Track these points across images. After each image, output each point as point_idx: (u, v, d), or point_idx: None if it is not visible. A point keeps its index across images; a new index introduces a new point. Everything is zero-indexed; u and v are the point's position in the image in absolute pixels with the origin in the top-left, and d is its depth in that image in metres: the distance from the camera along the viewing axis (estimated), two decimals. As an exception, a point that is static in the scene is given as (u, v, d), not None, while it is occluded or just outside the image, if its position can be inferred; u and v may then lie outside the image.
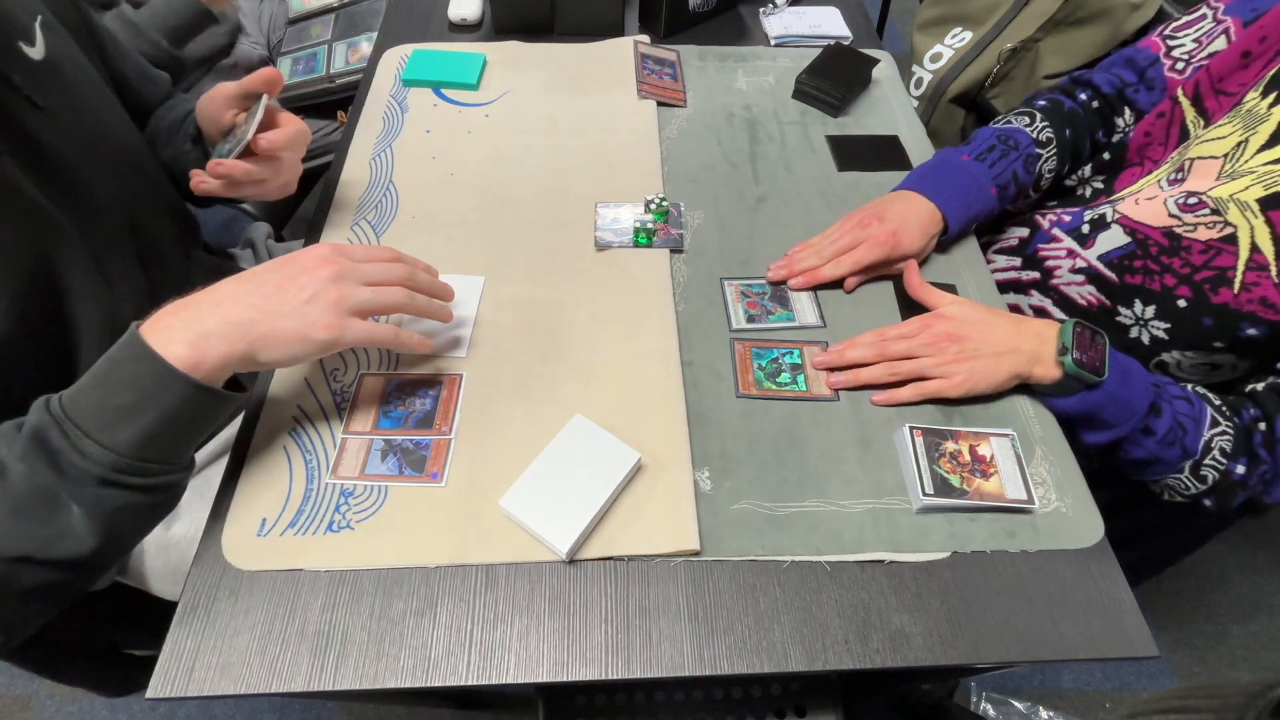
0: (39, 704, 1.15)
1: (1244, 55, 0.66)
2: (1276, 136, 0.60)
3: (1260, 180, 0.60)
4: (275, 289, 0.49)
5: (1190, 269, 0.63)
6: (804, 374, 0.64)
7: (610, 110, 0.87)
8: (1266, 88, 0.62)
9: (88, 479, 0.43)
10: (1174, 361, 0.67)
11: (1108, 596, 0.53)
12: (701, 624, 0.51)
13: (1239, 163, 0.62)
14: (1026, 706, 1.16)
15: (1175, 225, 0.64)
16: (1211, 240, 0.61)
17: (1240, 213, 0.60)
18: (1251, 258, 0.59)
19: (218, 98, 0.65)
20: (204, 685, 0.47)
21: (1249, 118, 0.62)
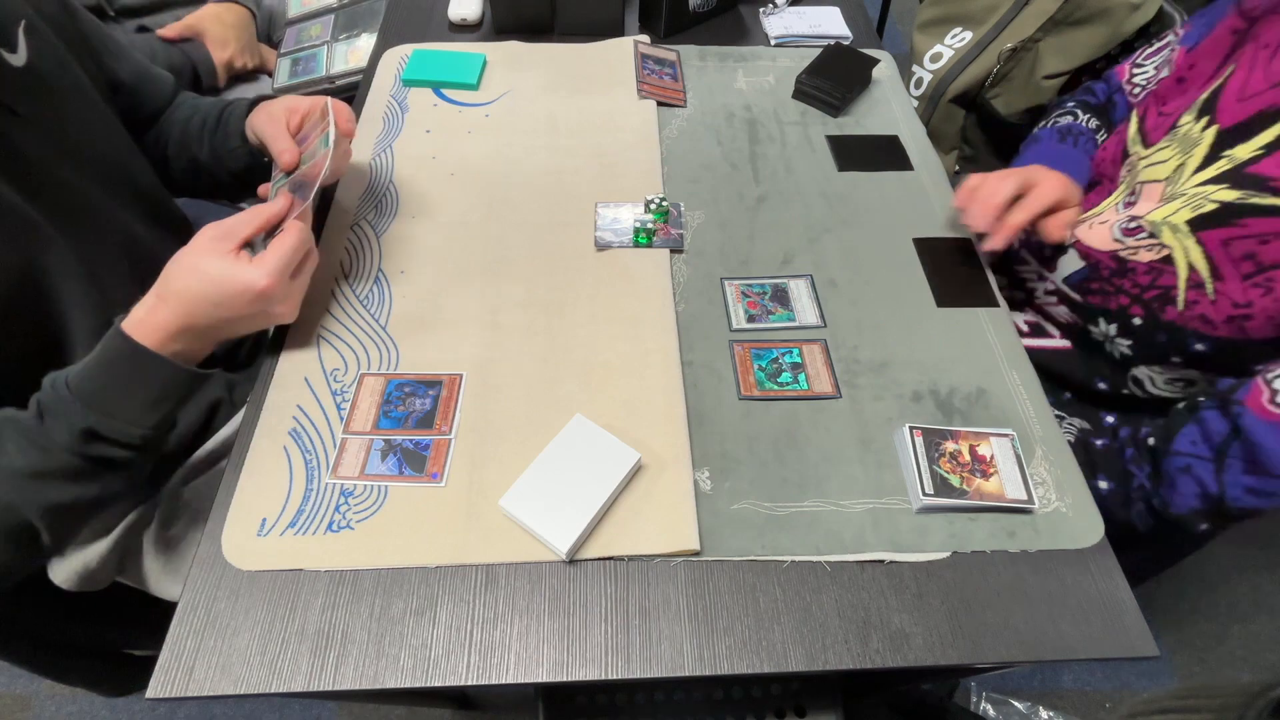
0: (39, 704, 1.15)
1: (1180, 80, 0.71)
2: (1209, 159, 0.63)
3: (1189, 202, 0.63)
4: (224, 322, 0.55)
5: (1139, 289, 0.66)
6: (805, 373, 0.64)
7: (610, 110, 0.87)
8: (1199, 112, 0.66)
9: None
10: (1146, 378, 0.70)
11: (1108, 596, 0.53)
12: (701, 624, 0.51)
13: (1177, 185, 0.65)
14: (1026, 706, 1.16)
15: (1120, 249, 0.67)
16: (1152, 262, 0.65)
17: (1173, 235, 0.63)
18: (1189, 276, 0.62)
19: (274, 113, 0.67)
20: (204, 685, 0.47)
21: (1185, 141, 0.66)
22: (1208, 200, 0.62)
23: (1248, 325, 0.60)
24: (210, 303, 0.52)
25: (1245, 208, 0.60)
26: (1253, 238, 0.59)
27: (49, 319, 0.58)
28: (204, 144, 0.74)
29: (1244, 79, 0.64)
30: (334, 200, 0.76)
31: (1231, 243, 0.60)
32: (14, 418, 0.51)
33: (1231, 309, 0.60)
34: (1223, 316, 0.61)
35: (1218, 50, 0.68)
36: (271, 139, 0.66)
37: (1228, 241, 0.60)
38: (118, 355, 0.52)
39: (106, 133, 0.66)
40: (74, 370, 0.52)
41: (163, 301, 0.52)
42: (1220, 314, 0.61)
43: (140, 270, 0.65)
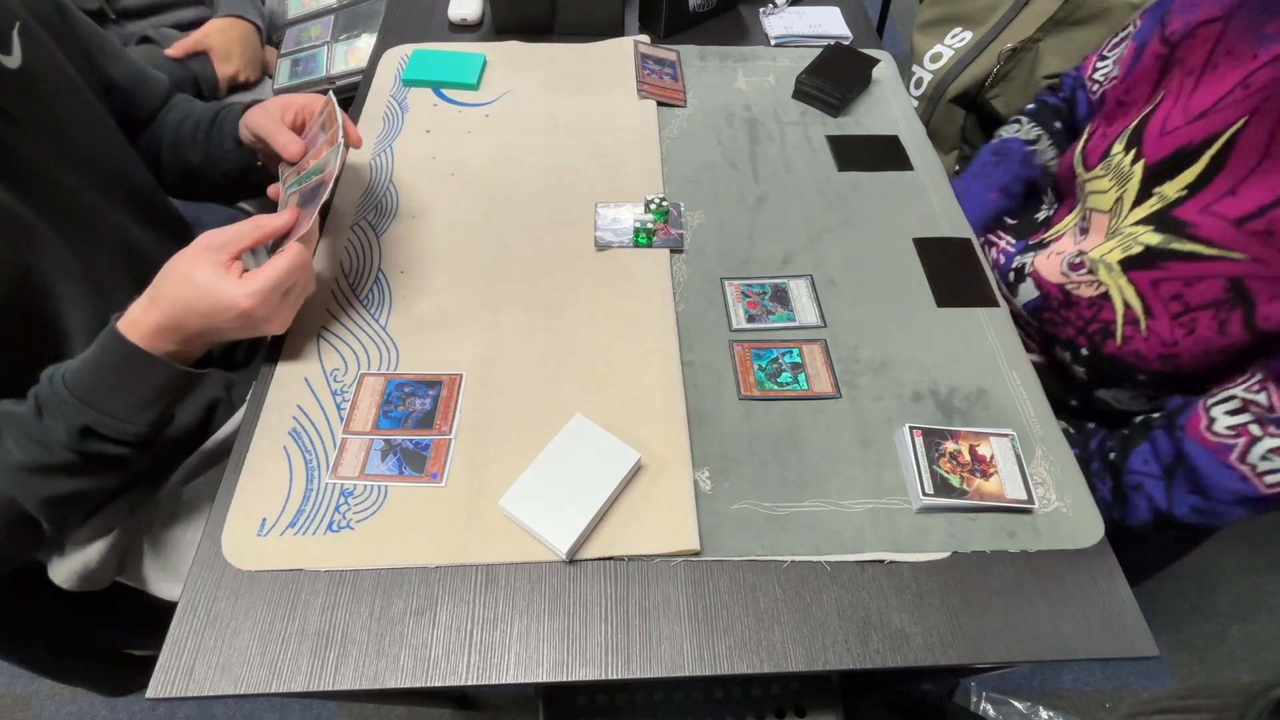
0: (39, 704, 1.15)
1: (1120, 104, 0.73)
2: (1141, 195, 0.65)
3: (1122, 243, 0.65)
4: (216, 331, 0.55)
5: (1084, 322, 0.69)
6: (805, 373, 0.64)
7: (610, 110, 0.87)
8: (1128, 142, 0.68)
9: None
10: (1110, 398, 0.71)
11: (1108, 596, 0.53)
12: (701, 624, 0.51)
13: (1119, 221, 0.67)
14: (1026, 706, 1.16)
15: (1065, 283, 0.70)
16: (1093, 297, 0.68)
17: (1108, 274, 0.66)
18: (1125, 313, 0.65)
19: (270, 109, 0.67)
20: (204, 685, 0.47)
21: (1119, 173, 0.68)
22: (1136, 242, 0.64)
23: (1177, 361, 0.62)
24: (198, 313, 0.53)
25: (1168, 252, 0.61)
26: (1178, 280, 0.61)
27: (47, 319, 0.58)
28: (197, 147, 0.74)
29: (1168, 110, 0.64)
30: (334, 201, 0.76)
31: (1160, 284, 0.62)
32: (12, 412, 0.52)
33: (1161, 346, 0.62)
34: (1154, 353, 0.63)
35: (1148, 76, 0.69)
36: (271, 134, 0.66)
37: (1156, 282, 0.62)
38: (113, 355, 0.52)
39: (102, 135, 0.66)
40: (70, 367, 0.52)
41: (155, 304, 0.53)
42: (1151, 350, 0.63)
43: (138, 271, 0.65)
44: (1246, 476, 0.58)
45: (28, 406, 0.52)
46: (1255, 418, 0.58)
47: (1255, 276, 0.56)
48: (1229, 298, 0.58)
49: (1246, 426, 0.58)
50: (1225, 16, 0.61)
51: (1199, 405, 0.61)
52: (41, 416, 0.51)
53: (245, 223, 0.56)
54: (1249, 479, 0.58)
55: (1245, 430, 0.58)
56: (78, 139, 0.62)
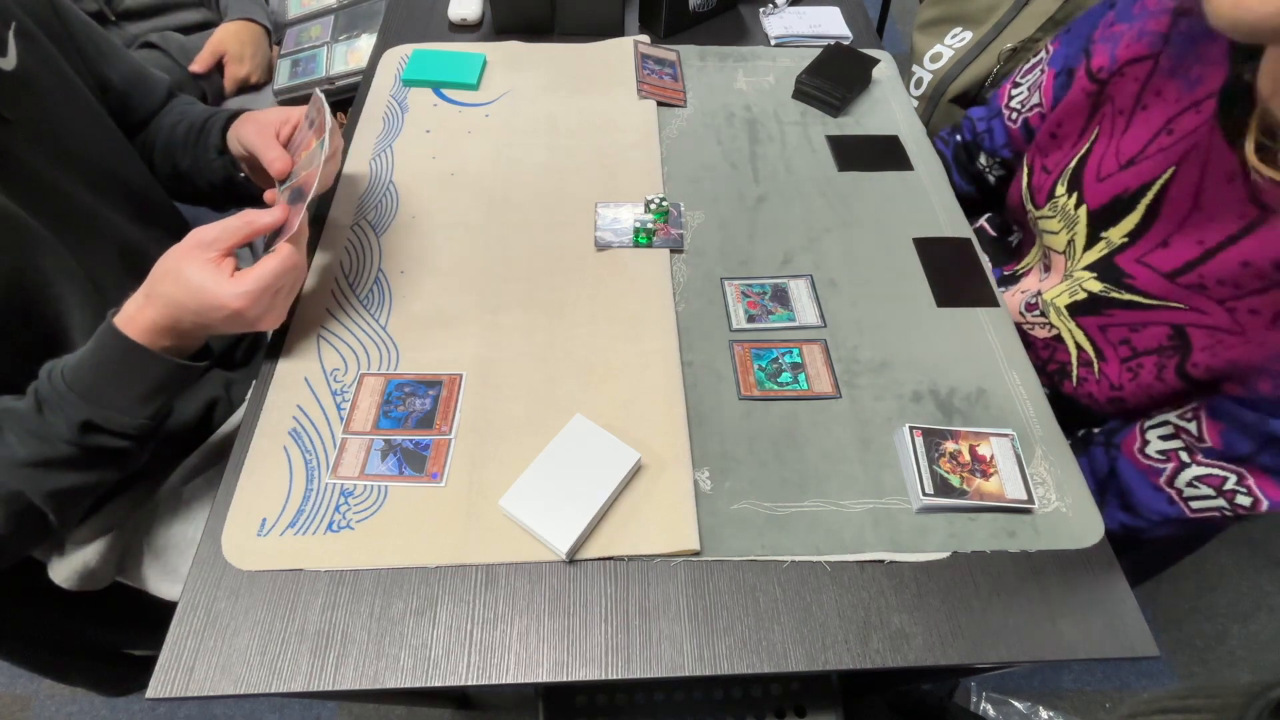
0: (39, 704, 1.15)
1: (1053, 136, 0.71)
2: (1090, 239, 0.64)
3: (1069, 288, 0.65)
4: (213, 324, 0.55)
5: (1041, 361, 0.69)
6: (805, 372, 0.64)
7: (610, 110, 0.87)
8: (1069, 185, 0.66)
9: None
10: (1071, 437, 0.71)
11: (1108, 596, 0.53)
12: (701, 624, 0.51)
13: (1073, 264, 0.67)
14: (1026, 706, 1.16)
15: (1022, 323, 0.71)
16: (1047, 339, 0.69)
17: (1058, 317, 0.67)
18: (1079, 355, 0.66)
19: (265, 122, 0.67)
20: (204, 685, 0.47)
21: (1065, 215, 0.67)
22: (1080, 288, 0.64)
23: (1124, 404, 0.63)
24: (190, 310, 0.53)
25: (1109, 300, 0.62)
26: (1124, 326, 0.61)
27: (45, 319, 0.58)
28: (186, 153, 0.74)
29: (1102, 153, 0.63)
30: (333, 200, 0.76)
31: (1107, 329, 0.63)
32: (13, 409, 0.52)
33: (1110, 390, 0.63)
34: (1104, 396, 0.64)
35: (1079, 112, 0.68)
36: (262, 149, 0.65)
37: (1104, 328, 0.63)
38: (111, 350, 0.52)
39: (99, 135, 0.66)
40: (69, 363, 0.52)
41: (149, 301, 0.53)
42: (1102, 393, 0.64)
43: (136, 269, 0.65)
44: (1174, 499, 0.60)
45: (28, 402, 0.52)
46: (1185, 445, 0.59)
47: (1195, 324, 0.56)
48: (1172, 344, 0.58)
49: (1176, 452, 0.59)
50: (1153, 55, 0.60)
51: (1136, 426, 0.63)
52: (42, 412, 0.51)
53: (234, 218, 0.56)
54: (1175, 502, 0.60)
55: (1175, 456, 0.59)
56: (74, 140, 0.62)
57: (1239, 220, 0.52)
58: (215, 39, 1.07)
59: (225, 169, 0.73)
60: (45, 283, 0.57)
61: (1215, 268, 0.53)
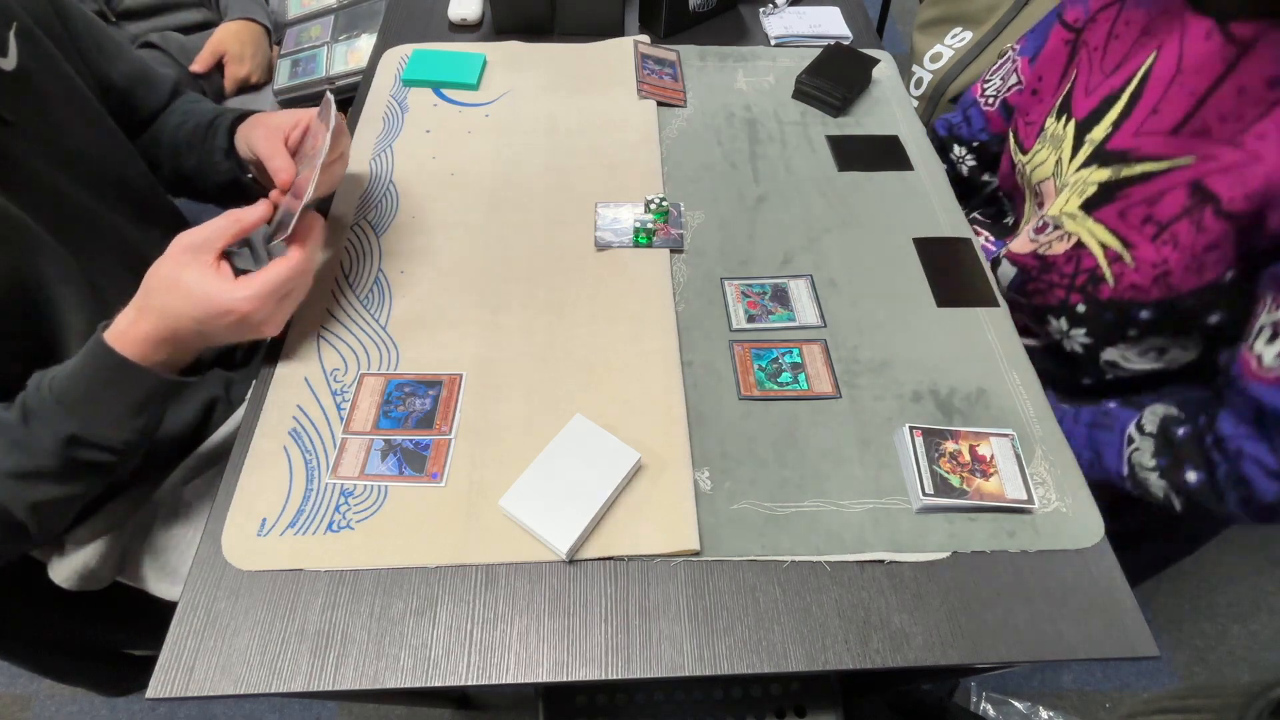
0: (39, 704, 1.15)
1: (1034, 93, 0.79)
2: (1075, 147, 0.69)
3: (1075, 189, 0.67)
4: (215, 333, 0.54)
5: (1068, 278, 0.68)
6: (805, 373, 0.64)
7: (610, 110, 0.87)
8: (1058, 112, 0.73)
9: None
10: (1119, 357, 0.70)
11: (1108, 596, 0.53)
12: (701, 624, 0.51)
13: (1062, 177, 0.71)
14: (1026, 706, 1.16)
15: (1037, 248, 0.71)
16: (1067, 250, 0.68)
17: (1074, 222, 0.67)
18: (1105, 253, 0.65)
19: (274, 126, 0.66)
20: (204, 685, 0.47)
21: (1053, 140, 0.73)
22: (1088, 184, 0.66)
23: (1171, 281, 0.61)
24: (191, 318, 0.52)
25: (1121, 181, 0.63)
26: (1141, 203, 0.62)
27: (43, 321, 0.58)
28: (192, 153, 0.73)
29: (1086, 78, 0.71)
30: (333, 201, 0.76)
31: (1126, 213, 0.63)
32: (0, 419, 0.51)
33: (1153, 270, 0.62)
34: (1148, 279, 0.63)
35: (1057, 61, 0.77)
36: (268, 156, 0.64)
37: (1123, 213, 0.63)
38: (100, 366, 0.51)
39: (100, 136, 0.66)
40: (58, 375, 0.52)
41: (143, 315, 0.52)
42: (1145, 278, 0.63)
43: (137, 272, 0.65)
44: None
45: (14, 413, 0.51)
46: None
47: (1209, 173, 0.58)
48: (1195, 200, 0.59)
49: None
50: (1119, 1, 0.69)
51: (1242, 351, 0.59)
52: (28, 423, 0.50)
53: (220, 218, 0.55)
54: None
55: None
56: (74, 141, 0.62)
57: (1223, 62, 0.57)
58: (215, 39, 1.07)
59: (232, 170, 0.72)
60: (43, 285, 0.57)
61: (1214, 105, 0.57)
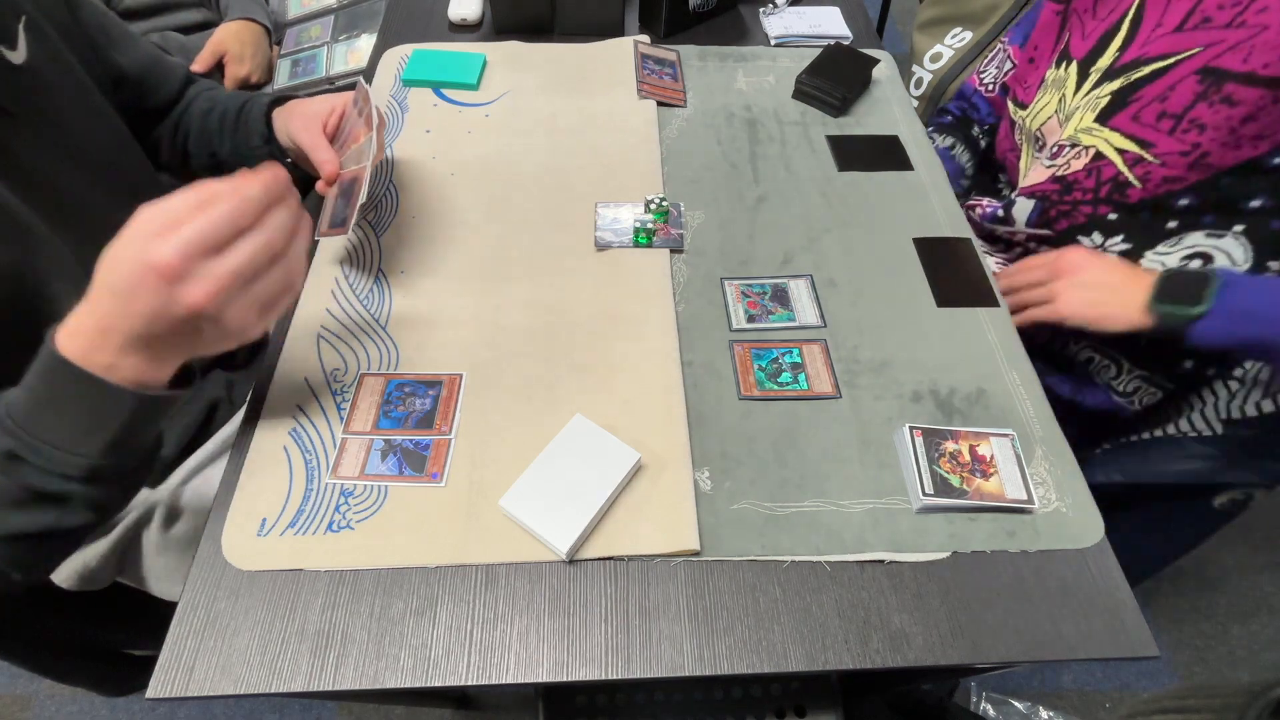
0: (39, 704, 1.15)
1: (1030, 61, 0.83)
2: (1080, 80, 0.72)
3: (1086, 106, 0.71)
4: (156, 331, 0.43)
5: (1091, 192, 0.71)
6: (805, 372, 0.64)
7: (610, 110, 0.87)
8: (1056, 62, 0.77)
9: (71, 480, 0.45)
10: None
11: (1108, 596, 0.53)
12: (701, 624, 0.51)
13: (1067, 107, 0.74)
14: (1026, 706, 1.16)
15: (1054, 171, 0.73)
16: (1086, 164, 0.70)
17: (1090, 136, 0.70)
18: (1124, 158, 0.67)
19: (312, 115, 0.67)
20: (204, 685, 0.47)
21: (1055, 84, 0.76)
22: (1099, 98, 0.69)
23: (1209, 161, 0.63)
24: (110, 291, 0.42)
25: (1131, 85, 0.66)
26: (1154, 101, 0.65)
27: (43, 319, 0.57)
28: (224, 141, 0.74)
29: (1080, 29, 0.74)
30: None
31: (1140, 115, 0.65)
32: None
33: (1184, 158, 0.64)
34: (1183, 167, 0.64)
35: (1050, 31, 0.80)
36: (311, 148, 0.66)
37: (1136, 116, 0.66)
38: (44, 370, 0.44)
39: (104, 130, 0.65)
40: (17, 388, 0.45)
41: (87, 304, 0.43)
42: (1179, 168, 0.64)
43: None
44: None
45: None
46: None
47: (1216, 55, 0.61)
48: (1209, 84, 0.61)
49: None
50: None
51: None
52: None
53: (183, 192, 0.42)
54: None
55: None
56: (78, 135, 0.62)
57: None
58: (216, 39, 1.07)
59: (269, 154, 0.72)
60: (42, 281, 0.57)
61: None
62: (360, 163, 0.64)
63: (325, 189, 0.67)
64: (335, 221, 0.65)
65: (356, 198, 0.62)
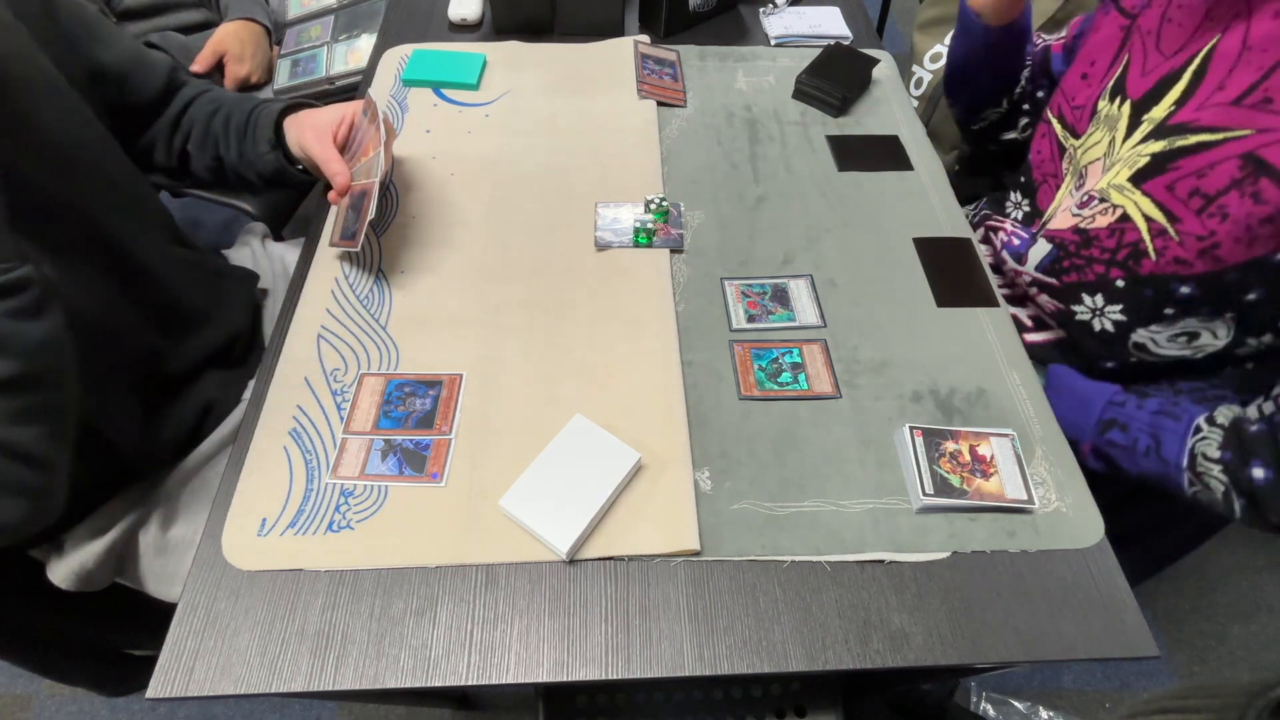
0: (39, 704, 1.15)
1: (1083, 77, 0.77)
2: (1131, 127, 0.68)
3: (1126, 163, 0.67)
4: None
5: (1109, 253, 0.68)
6: (805, 373, 0.64)
7: (610, 110, 0.87)
8: (1111, 95, 0.72)
9: None
10: (1149, 340, 0.70)
11: (1108, 596, 0.53)
12: (701, 624, 0.51)
13: (1113, 155, 0.70)
14: (1026, 706, 1.16)
15: (1079, 222, 0.70)
16: (1111, 224, 0.67)
17: (1121, 195, 0.67)
18: (1149, 227, 0.65)
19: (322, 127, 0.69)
20: (204, 685, 0.47)
21: (1108, 120, 0.71)
22: (1140, 156, 0.66)
23: (1219, 253, 0.61)
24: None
25: (1174, 152, 0.63)
26: (1190, 175, 0.62)
27: None
28: (231, 146, 0.74)
29: (1141, 60, 0.70)
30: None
31: (1175, 185, 0.63)
32: None
33: (1198, 243, 0.62)
34: (1193, 253, 0.62)
35: (1110, 45, 0.75)
36: (324, 161, 0.67)
37: (1171, 186, 0.63)
38: None
39: (78, 126, 0.63)
40: None
41: None
42: (1190, 251, 0.62)
43: (117, 263, 0.63)
44: None
45: None
46: None
47: (1266, 145, 0.57)
48: (1248, 172, 0.59)
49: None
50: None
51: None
52: None
53: None
54: None
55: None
56: (42, 129, 0.59)
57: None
58: (216, 39, 1.07)
59: (277, 161, 0.73)
60: None
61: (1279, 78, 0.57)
62: (370, 177, 0.65)
63: (336, 199, 0.68)
64: (346, 234, 0.67)
65: (366, 214, 0.64)
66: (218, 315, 0.74)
